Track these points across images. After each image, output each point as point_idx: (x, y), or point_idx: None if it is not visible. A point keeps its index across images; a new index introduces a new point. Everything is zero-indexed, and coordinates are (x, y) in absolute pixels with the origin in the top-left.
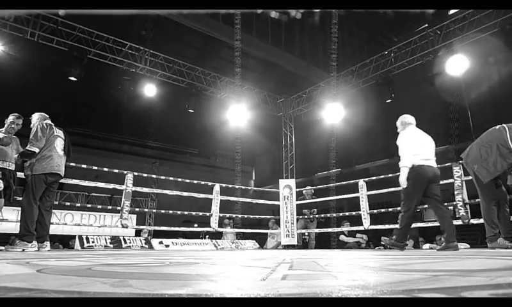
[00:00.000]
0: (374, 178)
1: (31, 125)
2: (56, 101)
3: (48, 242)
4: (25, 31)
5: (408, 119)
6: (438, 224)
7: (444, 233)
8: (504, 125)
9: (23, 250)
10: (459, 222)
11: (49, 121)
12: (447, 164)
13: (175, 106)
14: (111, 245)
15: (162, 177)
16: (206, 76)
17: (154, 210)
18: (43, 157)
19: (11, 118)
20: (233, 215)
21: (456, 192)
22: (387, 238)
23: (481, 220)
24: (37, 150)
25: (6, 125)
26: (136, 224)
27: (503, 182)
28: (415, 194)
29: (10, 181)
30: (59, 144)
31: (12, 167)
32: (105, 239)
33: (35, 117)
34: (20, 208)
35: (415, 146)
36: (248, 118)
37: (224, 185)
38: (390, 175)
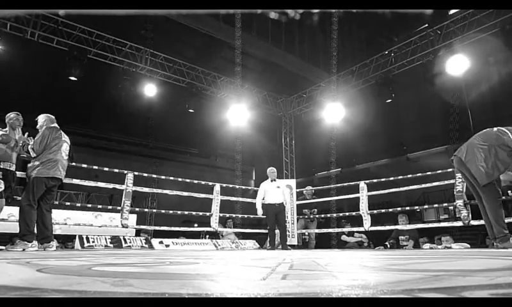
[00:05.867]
0: (375, 180)
1: (38, 127)
2: (56, 101)
3: (54, 242)
4: (25, 30)
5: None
6: (438, 225)
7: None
8: (502, 128)
9: (23, 249)
10: (459, 223)
11: (56, 125)
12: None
13: (175, 106)
14: (111, 245)
15: (162, 177)
16: (206, 76)
17: (154, 210)
18: (49, 161)
19: (12, 115)
20: (233, 215)
21: (455, 193)
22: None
23: (482, 221)
24: (34, 155)
25: (10, 121)
26: (136, 224)
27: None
28: (269, 217)
29: (11, 182)
30: (65, 149)
31: (13, 168)
32: (105, 239)
33: (42, 119)
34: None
35: (266, 194)
36: (247, 118)
37: (224, 185)
38: (392, 179)
